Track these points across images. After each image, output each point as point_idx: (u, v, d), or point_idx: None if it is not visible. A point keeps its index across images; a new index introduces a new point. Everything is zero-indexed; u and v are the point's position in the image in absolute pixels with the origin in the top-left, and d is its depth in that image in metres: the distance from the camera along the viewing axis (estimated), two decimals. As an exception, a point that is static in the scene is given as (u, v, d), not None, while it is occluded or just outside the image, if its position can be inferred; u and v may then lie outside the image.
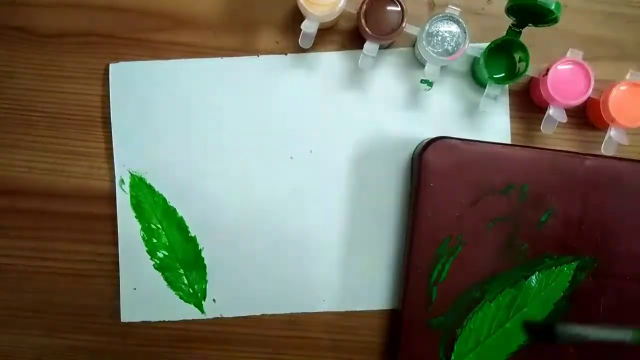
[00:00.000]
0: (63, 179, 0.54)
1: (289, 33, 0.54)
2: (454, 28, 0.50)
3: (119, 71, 0.54)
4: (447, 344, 0.50)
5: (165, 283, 0.54)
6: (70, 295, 0.55)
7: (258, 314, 0.54)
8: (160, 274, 0.54)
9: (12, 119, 0.55)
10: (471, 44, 0.50)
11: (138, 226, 0.54)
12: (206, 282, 0.54)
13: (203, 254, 0.54)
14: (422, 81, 0.53)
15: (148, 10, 0.54)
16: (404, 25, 0.50)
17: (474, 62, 0.53)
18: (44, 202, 0.54)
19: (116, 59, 0.54)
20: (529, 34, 0.51)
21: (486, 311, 0.50)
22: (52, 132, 0.54)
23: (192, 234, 0.54)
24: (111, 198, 0.54)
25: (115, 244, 0.54)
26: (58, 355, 0.55)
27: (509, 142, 0.53)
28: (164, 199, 0.54)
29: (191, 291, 0.54)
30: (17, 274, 0.55)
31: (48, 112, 0.54)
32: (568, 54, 0.50)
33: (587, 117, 0.54)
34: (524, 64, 0.50)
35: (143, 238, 0.54)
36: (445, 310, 0.50)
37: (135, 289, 0.54)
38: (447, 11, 0.49)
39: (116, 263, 0.54)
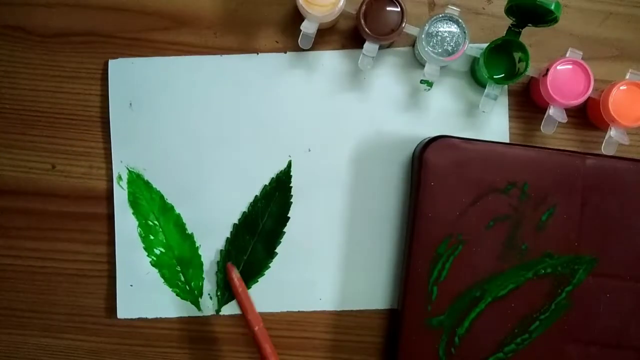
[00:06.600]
0: (62, 179, 0.54)
1: (289, 33, 0.54)
2: (453, 28, 0.50)
3: (117, 67, 0.54)
4: (447, 343, 0.50)
5: (162, 280, 0.53)
6: (68, 296, 0.54)
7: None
8: (157, 270, 0.53)
9: (11, 119, 0.54)
10: (471, 44, 0.50)
11: (135, 223, 0.53)
12: (203, 279, 0.54)
13: (200, 252, 0.54)
14: (422, 81, 0.53)
15: (148, 10, 0.54)
16: (403, 25, 0.50)
17: (473, 62, 0.53)
18: (42, 202, 0.54)
19: (116, 59, 0.54)
20: (529, 34, 0.51)
21: None
22: (51, 132, 0.54)
23: (190, 232, 0.54)
24: (110, 198, 0.54)
25: (114, 243, 0.54)
26: (56, 355, 0.54)
27: (508, 142, 0.53)
28: (162, 196, 0.54)
29: (188, 288, 0.53)
30: (16, 273, 0.54)
31: (47, 111, 0.54)
32: (568, 54, 0.50)
33: (587, 117, 0.54)
34: (523, 64, 0.50)
35: (140, 235, 0.53)
36: (445, 310, 0.49)
37: (131, 285, 0.53)
38: (446, 11, 0.50)
39: (114, 263, 0.54)
